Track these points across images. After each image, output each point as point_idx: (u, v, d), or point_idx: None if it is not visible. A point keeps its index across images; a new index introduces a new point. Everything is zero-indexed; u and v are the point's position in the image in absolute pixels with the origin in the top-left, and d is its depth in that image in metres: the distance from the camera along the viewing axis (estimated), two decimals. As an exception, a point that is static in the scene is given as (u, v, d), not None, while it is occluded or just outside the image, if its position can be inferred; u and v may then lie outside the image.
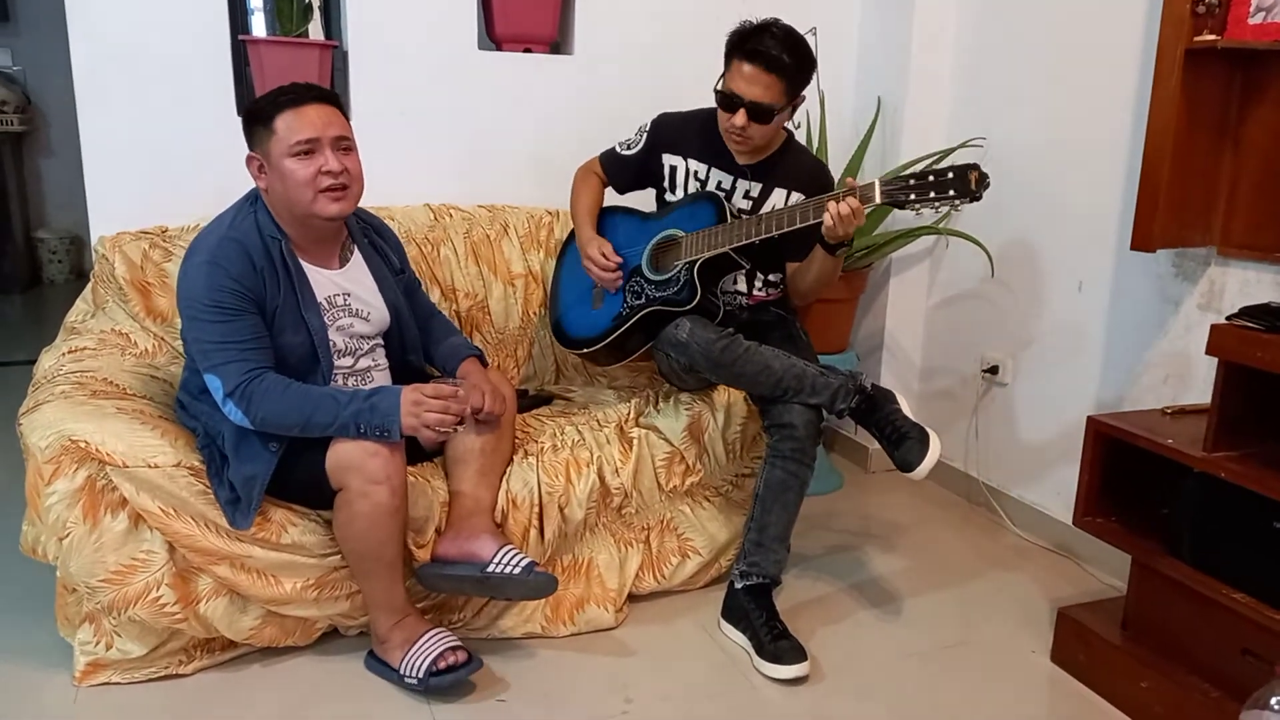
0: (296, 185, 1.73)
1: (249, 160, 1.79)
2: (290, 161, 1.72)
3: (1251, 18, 1.85)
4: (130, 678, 1.81)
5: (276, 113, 1.73)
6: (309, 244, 1.84)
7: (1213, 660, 1.74)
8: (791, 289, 2.24)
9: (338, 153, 1.75)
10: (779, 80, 1.99)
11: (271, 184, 1.77)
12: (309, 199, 1.74)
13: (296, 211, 1.77)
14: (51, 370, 1.92)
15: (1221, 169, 2.02)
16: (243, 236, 1.75)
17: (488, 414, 1.90)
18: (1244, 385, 1.68)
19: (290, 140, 1.72)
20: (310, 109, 1.74)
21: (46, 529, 1.70)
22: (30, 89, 5.25)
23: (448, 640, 1.81)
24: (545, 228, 2.59)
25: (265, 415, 1.69)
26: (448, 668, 1.77)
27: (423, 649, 1.79)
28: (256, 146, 1.77)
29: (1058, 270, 2.51)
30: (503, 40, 2.69)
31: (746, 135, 2.05)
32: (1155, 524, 1.88)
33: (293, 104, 1.73)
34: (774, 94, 1.99)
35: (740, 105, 2.01)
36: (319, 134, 1.73)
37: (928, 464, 1.93)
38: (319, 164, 1.73)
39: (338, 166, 1.74)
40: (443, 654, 1.78)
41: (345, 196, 1.77)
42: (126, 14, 2.28)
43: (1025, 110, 2.58)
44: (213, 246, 1.73)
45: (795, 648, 1.93)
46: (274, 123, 1.72)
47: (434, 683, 1.76)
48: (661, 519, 2.19)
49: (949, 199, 1.81)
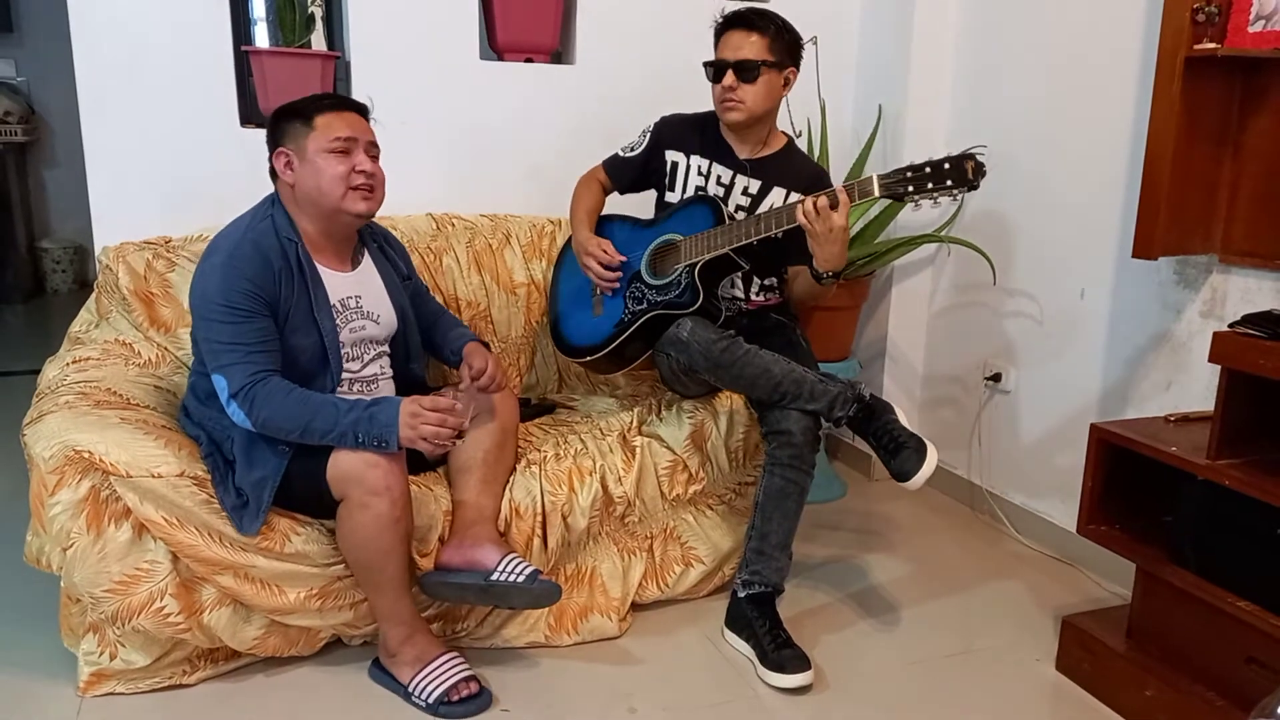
0: (331, 179, 1.78)
1: (277, 155, 1.83)
2: (326, 156, 1.79)
3: (1251, 26, 1.85)
4: (134, 688, 1.81)
5: (318, 112, 1.80)
6: (325, 242, 1.87)
7: (1218, 668, 1.73)
8: (788, 293, 2.25)
9: (369, 157, 1.83)
10: (761, 37, 2.07)
11: (301, 179, 1.81)
12: (339, 194, 1.79)
13: (324, 206, 1.81)
14: (55, 380, 1.93)
15: (1222, 176, 2.02)
16: (260, 238, 1.78)
17: (489, 379, 1.94)
18: (1247, 392, 1.68)
19: (330, 135, 1.79)
20: (350, 114, 1.84)
21: (50, 539, 1.70)
22: (34, 99, 5.27)
23: (462, 670, 1.82)
24: (547, 237, 2.59)
25: (267, 418, 1.70)
26: (460, 700, 1.78)
27: (437, 675, 1.79)
28: (288, 142, 1.82)
29: (1060, 278, 2.51)
30: (504, 50, 2.70)
31: (738, 99, 2.09)
32: (1159, 532, 1.88)
33: (334, 108, 1.83)
34: (757, 50, 2.07)
35: (726, 67, 2.08)
36: (356, 135, 1.81)
37: (923, 475, 1.93)
38: (354, 162, 1.80)
39: (370, 168, 1.82)
40: (456, 685, 1.79)
41: (372, 197, 1.84)
42: (130, 25, 2.29)
43: (1026, 118, 2.59)
44: (231, 247, 1.76)
45: (799, 656, 1.93)
46: (314, 119, 1.79)
47: (444, 711, 1.77)
48: (665, 528, 2.19)
49: (947, 189, 1.83)
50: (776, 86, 2.12)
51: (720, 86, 2.10)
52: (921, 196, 1.86)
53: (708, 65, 2.12)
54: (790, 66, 2.13)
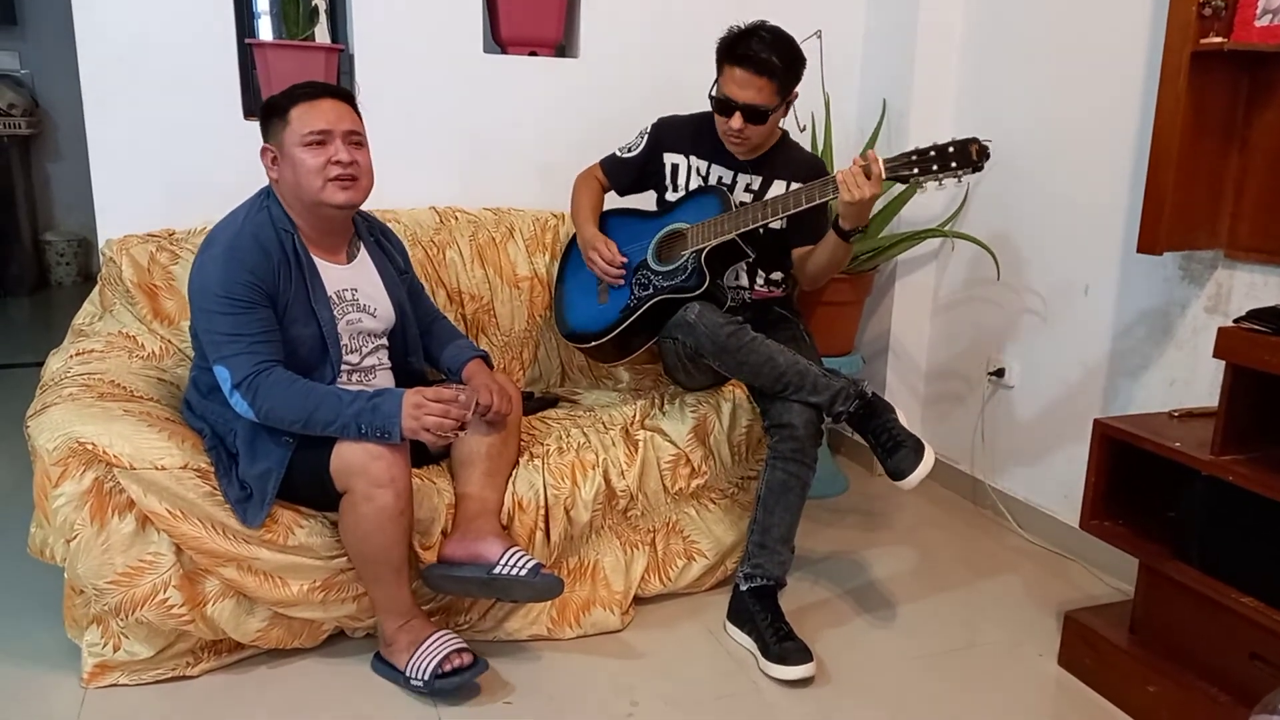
0: (307, 173, 1.78)
1: (263, 152, 1.83)
2: (302, 151, 1.77)
3: (1258, 20, 1.85)
4: (138, 679, 1.81)
5: (292, 105, 1.79)
6: (318, 236, 1.87)
7: (1221, 664, 1.73)
8: (799, 273, 2.25)
9: (349, 145, 1.81)
10: (770, 82, 2.03)
11: (283, 174, 1.81)
12: (318, 187, 1.78)
13: (306, 199, 1.80)
14: (59, 372, 1.93)
15: (1228, 171, 2.02)
16: (258, 229, 1.79)
17: (495, 413, 1.91)
18: (1252, 388, 1.68)
19: (303, 130, 1.77)
20: (325, 103, 1.80)
21: (54, 531, 1.70)
22: (38, 92, 5.27)
23: (454, 642, 1.81)
24: (550, 230, 2.59)
25: (270, 408, 1.70)
26: (453, 670, 1.77)
27: (429, 651, 1.79)
28: (271, 138, 1.82)
29: (1064, 273, 2.50)
30: (508, 43, 2.70)
31: (744, 137, 2.10)
32: (1162, 527, 1.87)
33: (308, 98, 1.80)
34: (766, 95, 2.04)
35: (735, 109, 2.06)
36: (331, 126, 1.79)
37: (918, 475, 1.93)
38: (329, 154, 1.78)
39: (347, 158, 1.80)
40: (448, 656, 1.78)
41: (353, 187, 1.82)
42: (133, 18, 2.29)
43: (1031, 112, 2.58)
44: (229, 239, 1.77)
45: (801, 649, 1.93)
46: (289, 114, 1.78)
47: (439, 685, 1.77)
48: (667, 521, 2.19)
49: (952, 171, 1.85)
50: (780, 115, 2.14)
51: (727, 123, 2.08)
52: (926, 179, 1.87)
53: (714, 99, 2.10)
54: (793, 90, 2.11)
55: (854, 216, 1.97)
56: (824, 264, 2.13)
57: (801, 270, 2.23)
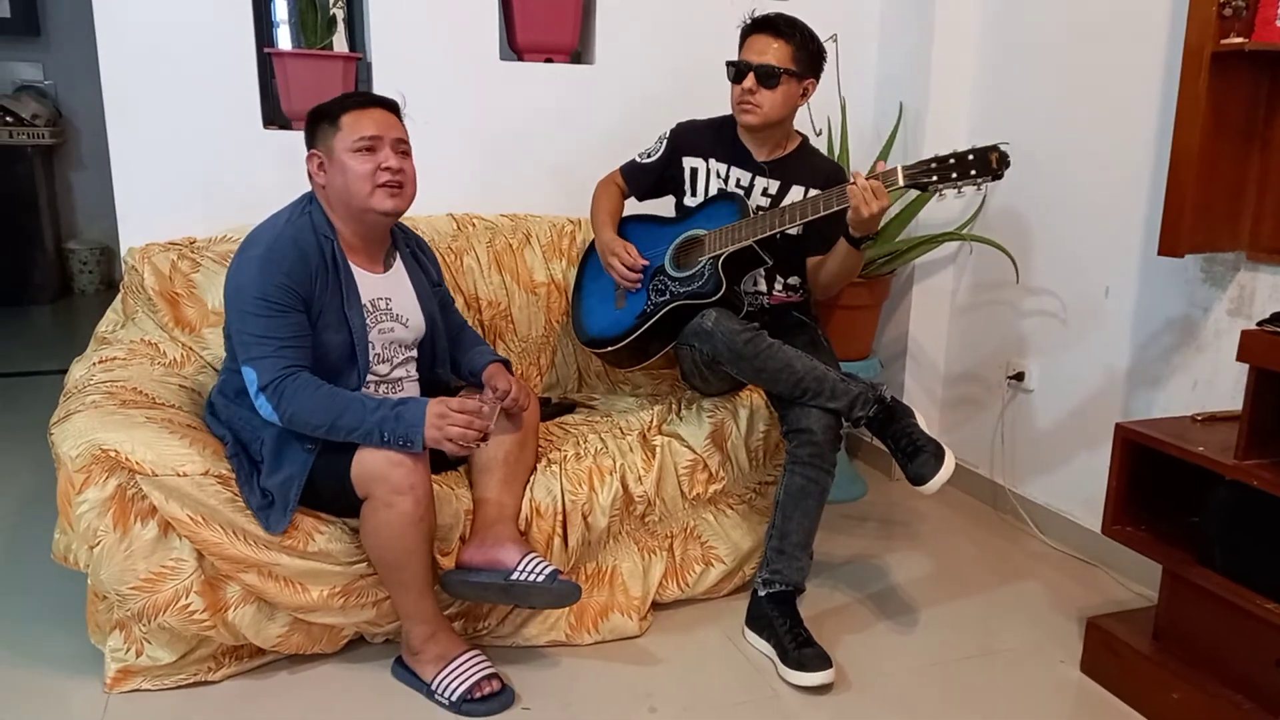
0: (357, 178, 1.80)
1: (309, 157, 1.85)
2: (352, 156, 1.80)
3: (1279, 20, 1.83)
4: (160, 684, 1.83)
5: (343, 111, 1.81)
6: (359, 243, 1.89)
7: (1245, 671, 1.71)
8: (812, 283, 2.25)
9: (397, 153, 1.84)
10: (787, 45, 2.08)
11: (331, 179, 1.83)
12: (367, 192, 1.80)
13: (354, 205, 1.82)
14: (82, 380, 1.95)
15: (1249, 172, 2.00)
16: (299, 234, 1.81)
17: (513, 401, 1.94)
18: (1276, 391, 1.66)
19: (354, 135, 1.80)
20: (375, 111, 1.84)
21: (77, 537, 1.72)
22: (61, 102, 5.34)
23: (485, 667, 1.83)
24: (567, 236, 2.60)
25: (294, 412, 1.72)
26: (483, 697, 1.79)
27: (459, 672, 1.80)
28: (319, 144, 1.84)
29: (1084, 275, 2.49)
30: (524, 50, 2.71)
31: (755, 103, 2.11)
32: (1185, 533, 1.85)
33: (359, 105, 1.83)
34: (780, 56, 2.08)
35: (749, 69, 2.09)
36: (382, 133, 1.82)
37: (939, 480, 1.92)
38: (379, 160, 1.81)
39: (396, 164, 1.83)
40: (479, 683, 1.80)
41: (400, 194, 1.85)
42: (154, 28, 2.32)
43: (1049, 114, 2.57)
44: (270, 241, 1.79)
45: (820, 655, 1.92)
46: (340, 120, 1.81)
47: (467, 709, 1.78)
48: (685, 527, 2.18)
49: (971, 179, 1.86)
50: (794, 95, 2.13)
51: (740, 88, 2.11)
52: (945, 187, 1.87)
53: (730, 64, 2.13)
54: (810, 78, 2.14)
55: (863, 226, 1.98)
56: (835, 272, 2.13)
57: (814, 280, 2.23)
